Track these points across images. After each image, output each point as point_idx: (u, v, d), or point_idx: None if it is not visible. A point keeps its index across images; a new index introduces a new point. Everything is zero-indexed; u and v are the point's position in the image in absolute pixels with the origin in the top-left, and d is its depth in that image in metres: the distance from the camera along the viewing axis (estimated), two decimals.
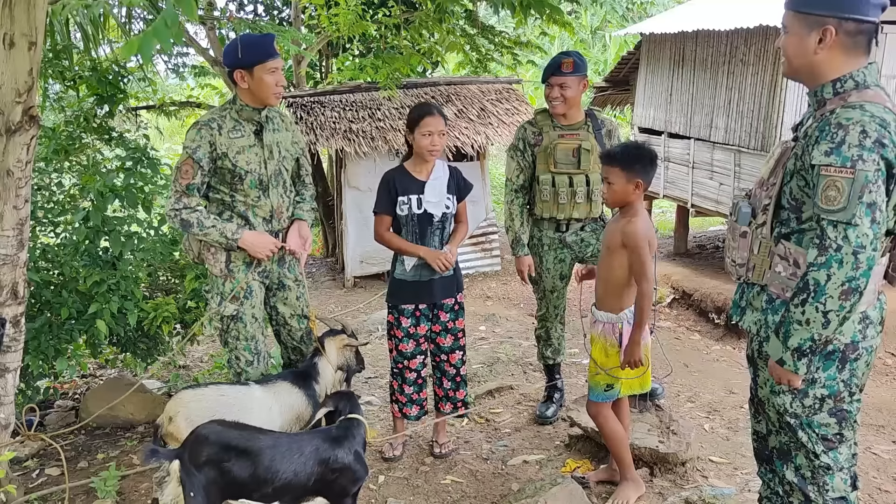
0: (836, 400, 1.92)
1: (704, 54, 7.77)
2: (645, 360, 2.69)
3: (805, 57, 1.85)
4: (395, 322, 3.20)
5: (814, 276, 1.74)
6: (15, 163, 2.53)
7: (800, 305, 1.77)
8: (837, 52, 1.80)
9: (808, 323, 1.76)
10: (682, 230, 8.92)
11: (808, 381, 1.90)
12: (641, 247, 2.52)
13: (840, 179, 1.70)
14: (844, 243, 1.70)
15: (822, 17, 1.79)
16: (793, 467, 2.02)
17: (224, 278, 2.87)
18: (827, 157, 1.72)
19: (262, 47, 2.74)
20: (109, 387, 4.42)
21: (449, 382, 3.30)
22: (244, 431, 2.34)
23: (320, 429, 2.50)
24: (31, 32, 2.42)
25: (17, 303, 2.68)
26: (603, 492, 2.85)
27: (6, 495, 2.72)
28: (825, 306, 1.73)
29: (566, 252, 3.45)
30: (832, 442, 1.95)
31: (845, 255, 1.70)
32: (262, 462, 2.26)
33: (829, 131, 1.74)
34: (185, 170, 2.75)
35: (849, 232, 1.69)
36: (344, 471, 2.40)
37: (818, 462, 1.96)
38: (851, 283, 1.70)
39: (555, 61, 3.27)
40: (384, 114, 8.34)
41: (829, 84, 1.83)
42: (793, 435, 1.99)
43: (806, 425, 1.95)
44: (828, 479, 1.96)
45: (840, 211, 1.70)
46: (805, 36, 1.83)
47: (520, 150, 3.42)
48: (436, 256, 3.07)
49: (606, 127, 3.39)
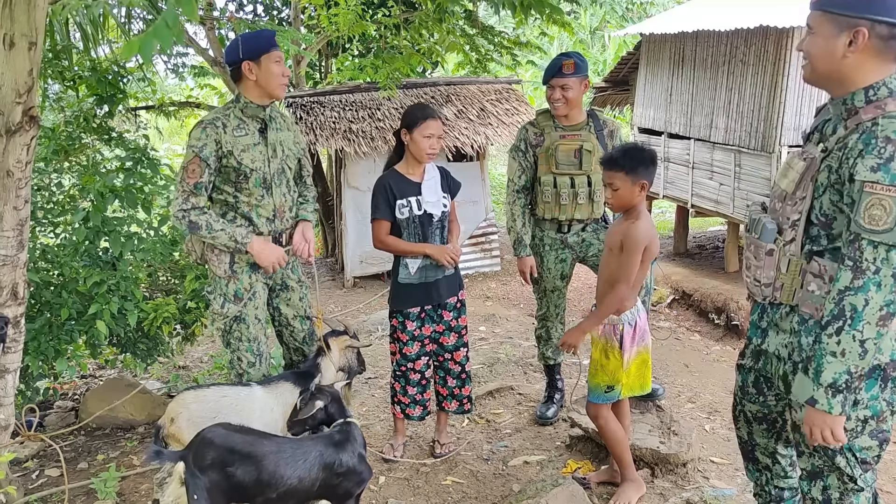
0: (879, 420, 1.80)
1: (704, 55, 7.77)
2: (645, 363, 2.70)
3: (832, 61, 1.71)
4: (400, 326, 3.18)
5: (850, 301, 1.62)
6: (15, 163, 2.52)
7: (834, 335, 1.65)
8: (868, 56, 1.68)
9: (843, 354, 1.64)
10: (682, 230, 8.93)
11: (850, 403, 1.75)
12: (636, 251, 2.52)
13: (887, 199, 1.58)
14: (884, 266, 1.60)
15: (854, 18, 1.66)
16: (821, 486, 1.91)
17: (228, 279, 2.87)
18: (874, 172, 1.60)
19: (266, 39, 2.80)
20: (109, 387, 4.42)
21: (454, 380, 3.29)
22: (249, 436, 2.33)
23: (321, 434, 2.48)
24: (32, 33, 2.41)
25: (17, 303, 2.67)
26: (604, 492, 2.85)
27: (6, 496, 2.71)
28: (863, 334, 1.62)
29: (567, 252, 3.45)
30: (870, 465, 1.84)
31: (884, 278, 1.60)
32: (266, 467, 2.24)
33: (875, 145, 1.61)
34: (192, 169, 2.74)
35: (891, 254, 1.59)
36: (349, 474, 2.40)
37: (852, 486, 1.86)
38: (890, 307, 1.61)
39: (555, 63, 3.27)
40: (384, 114, 8.34)
41: (861, 91, 1.70)
42: (829, 459, 1.86)
43: (847, 450, 1.82)
44: (854, 499, 1.88)
45: (885, 232, 1.59)
46: (833, 38, 1.69)
47: (521, 151, 3.41)
48: (443, 251, 3.06)
49: (608, 127, 3.39)
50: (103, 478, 3.14)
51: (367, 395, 4.26)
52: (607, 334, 2.65)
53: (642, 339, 2.67)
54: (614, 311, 2.59)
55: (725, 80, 7.39)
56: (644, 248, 2.54)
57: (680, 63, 8.25)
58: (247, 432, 2.35)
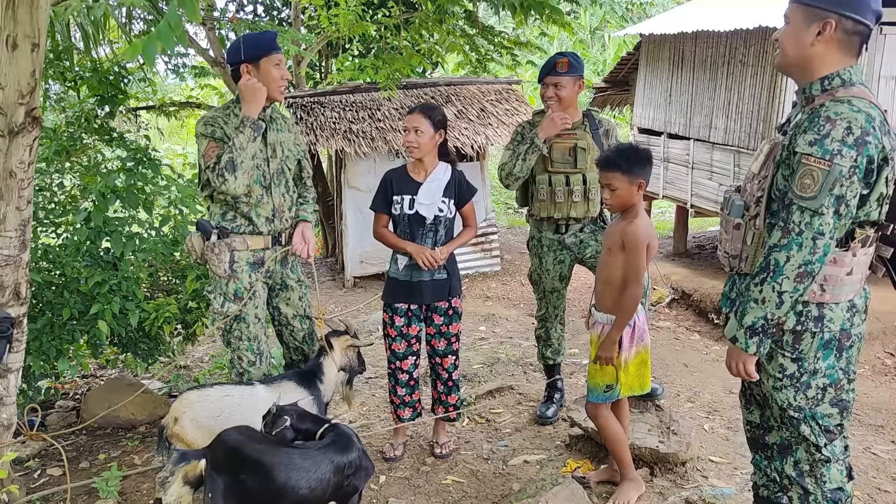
0: (837, 388, 1.97)
1: (704, 55, 7.78)
2: (644, 363, 2.71)
3: (801, 48, 1.90)
4: (390, 321, 3.23)
5: (775, 257, 1.84)
6: (17, 164, 2.53)
7: (759, 284, 1.86)
8: (832, 47, 1.87)
9: (763, 302, 1.86)
10: (682, 230, 8.94)
11: (810, 373, 1.96)
12: (640, 249, 2.53)
13: (817, 170, 1.78)
14: (807, 228, 1.80)
15: (825, 10, 1.85)
16: (792, 461, 2.06)
17: (228, 279, 2.88)
18: (810, 146, 1.80)
19: (266, 41, 2.81)
20: (110, 387, 4.43)
21: (442, 386, 3.33)
22: (263, 444, 2.30)
23: (324, 442, 2.45)
24: (34, 34, 2.42)
25: (20, 303, 2.68)
26: (603, 492, 2.86)
27: (9, 496, 2.73)
28: (781, 286, 1.83)
29: (566, 253, 3.46)
30: (833, 433, 2.00)
31: (805, 240, 1.80)
32: (276, 478, 2.22)
33: (817, 123, 1.81)
34: (211, 148, 2.76)
35: (813, 219, 1.79)
36: (357, 471, 2.41)
37: (819, 455, 2.00)
38: (807, 266, 1.80)
39: (550, 61, 3.28)
40: (384, 114, 8.35)
41: (818, 81, 1.90)
42: (795, 429, 2.02)
43: (810, 418, 1.99)
44: (825, 471, 2.01)
45: (811, 199, 1.79)
46: (804, 27, 1.89)
47: (515, 142, 3.40)
48: (421, 251, 3.07)
49: (604, 127, 3.40)
50: (105, 477, 3.15)
51: (368, 395, 4.28)
52: (606, 334, 2.66)
53: (641, 338, 2.68)
54: (632, 313, 2.59)
55: (725, 81, 7.41)
56: (646, 246, 2.56)
57: (679, 63, 8.26)
58: (262, 440, 2.33)
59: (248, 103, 2.76)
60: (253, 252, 2.92)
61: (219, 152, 2.75)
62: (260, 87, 2.76)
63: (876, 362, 5.43)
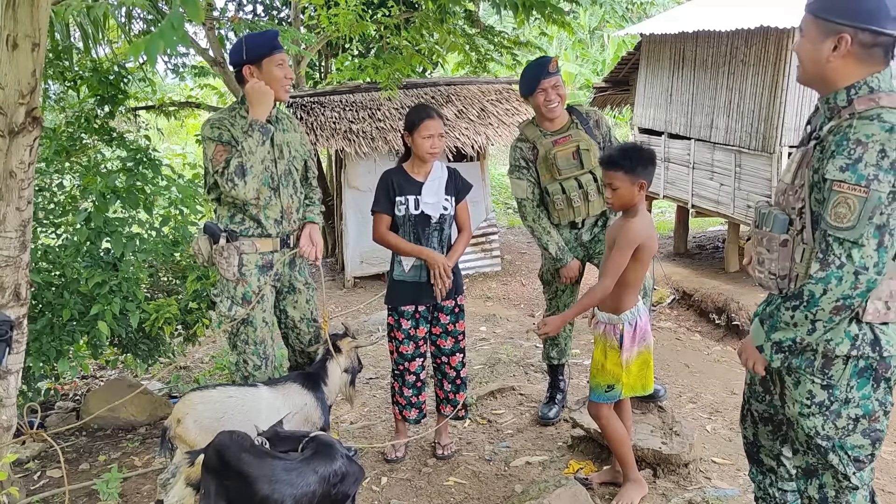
0: (871, 420, 1.84)
1: (705, 55, 7.78)
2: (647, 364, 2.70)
3: (818, 64, 1.79)
4: (396, 324, 3.20)
5: (810, 288, 1.72)
6: (18, 164, 2.52)
7: (790, 310, 1.77)
8: (851, 61, 1.75)
9: (794, 325, 1.78)
10: (682, 230, 8.94)
11: (841, 402, 1.83)
12: (626, 248, 2.53)
13: (852, 197, 1.66)
14: (847, 262, 1.67)
15: (839, 24, 1.73)
16: (817, 484, 1.95)
17: (236, 282, 2.86)
18: (842, 172, 1.67)
19: (268, 41, 2.79)
20: (111, 388, 4.42)
21: (449, 385, 3.30)
22: (248, 454, 2.23)
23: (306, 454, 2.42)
24: (35, 34, 2.41)
25: (20, 304, 2.67)
26: (606, 493, 2.85)
27: (9, 497, 2.71)
28: (815, 316, 1.73)
29: (580, 250, 3.46)
30: (863, 463, 1.88)
31: (846, 274, 1.67)
32: (259, 490, 2.16)
33: (846, 146, 1.68)
34: (219, 152, 2.73)
35: (853, 252, 1.66)
36: (344, 478, 2.39)
37: (847, 483, 1.89)
38: (846, 300, 1.69)
39: (540, 65, 3.25)
40: (384, 114, 8.34)
41: (843, 91, 1.78)
42: (822, 457, 1.90)
43: (839, 448, 1.86)
44: (850, 498, 1.90)
45: (848, 229, 1.66)
46: (820, 42, 1.78)
47: (524, 168, 3.38)
48: (436, 261, 3.03)
49: (592, 118, 3.40)
50: (105, 479, 3.14)
51: (369, 396, 4.27)
52: (607, 334, 2.65)
53: (643, 339, 2.67)
54: (595, 303, 2.61)
55: (726, 81, 7.40)
56: (639, 247, 2.54)
57: (680, 63, 8.26)
58: (249, 449, 2.26)
59: (255, 107, 2.74)
60: (262, 255, 2.90)
61: (227, 157, 2.72)
62: (267, 91, 2.74)
63: None
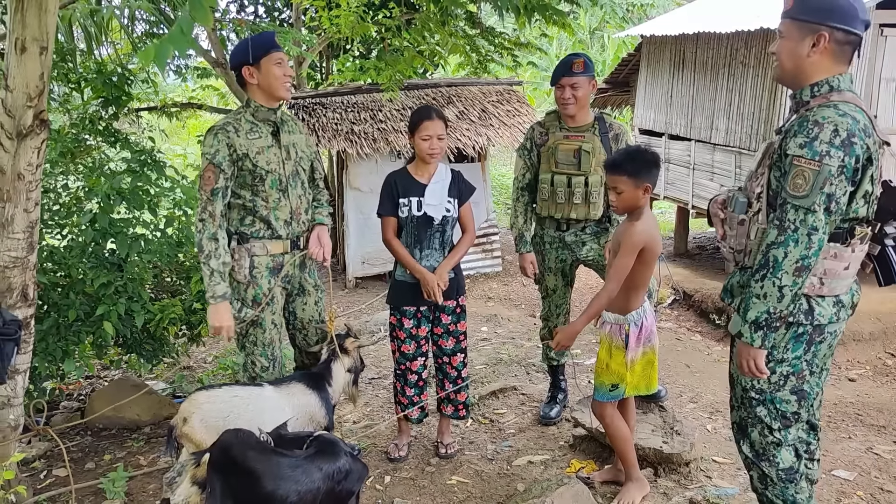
0: (798, 378, 2.12)
1: (705, 56, 7.80)
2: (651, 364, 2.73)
3: (798, 59, 2.04)
4: (398, 324, 3.23)
5: (773, 253, 1.95)
6: (26, 166, 2.55)
7: (759, 280, 1.98)
8: (826, 57, 2.01)
9: (765, 297, 1.97)
10: (682, 231, 8.96)
11: (777, 361, 2.10)
12: (629, 252, 2.55)
13: (808, 170, 1.91)
14: (801, 225, 1.92)
15: (817, 24, 1.99)
16: (748, 443, 2.23)
17: (247, 285, 2.89)
18: (801, 148, 1.93)
19: (265, 41, 2.81)
20: (116, 388, 4.45)
21: (451, 385, 3.33)
22: (254, 451, 2.28)
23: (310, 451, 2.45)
24: (43, 37, 2.43)
25: (28, 305, 2.70)
26: (608, 492, 2.87)
27: (16, 496, 2.74)
28: (781, 281, 1.94)
29: (566, 252, 3.48)
30: (789, 420, 2.15)
31: (801, 236, 1.92)
32: (264, 486, 2.20)
33: (806, 126, 1.94)
34: (208, 176, 2.75)
35: (807, 216, 1.92)
36: (348, 475, 2.41)
37: (771, 438, 2.16)
38: (804, 261, 1.92)
39: (566, 62, 3.29)
40: (386, 115, 8.36)
41: (808, 87, 2.05)
42: (751, 410, 2.18)
43: (769, 401, 2.15)
44: (776, 452, 2.17)
45: (803, 197, 1.92)
46: (800, 40, 2.02)
47: (527, 150, 3.47)
48: (430, 283, 3.07)
49: (614, 131, 3.40)
50: (111, 478, 3.17)
51: (372, 396, 4.29)
52: (613, 334, 2.68)
53: (648, 339, 2.70)
54: (602, 308, 2.63)
55: (726, 82, 7.42)
56: (643, 249, 2.56)
57: (680, 65, 8.28)
58: (255, 447, 2.30)
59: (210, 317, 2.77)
60: (272, 257, 2.92)
61: (213, 186, 2.74)
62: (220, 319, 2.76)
63: (877, 362, 5.45)
